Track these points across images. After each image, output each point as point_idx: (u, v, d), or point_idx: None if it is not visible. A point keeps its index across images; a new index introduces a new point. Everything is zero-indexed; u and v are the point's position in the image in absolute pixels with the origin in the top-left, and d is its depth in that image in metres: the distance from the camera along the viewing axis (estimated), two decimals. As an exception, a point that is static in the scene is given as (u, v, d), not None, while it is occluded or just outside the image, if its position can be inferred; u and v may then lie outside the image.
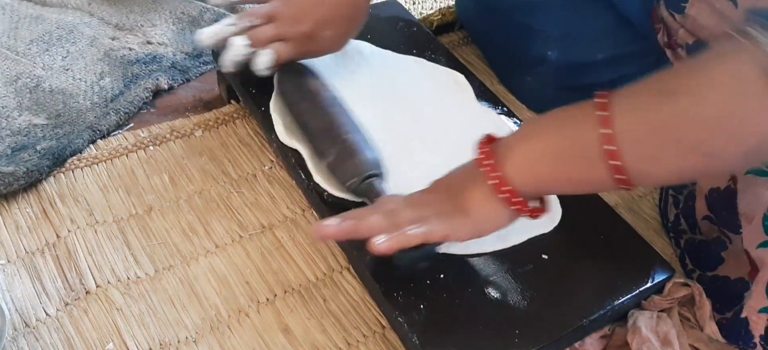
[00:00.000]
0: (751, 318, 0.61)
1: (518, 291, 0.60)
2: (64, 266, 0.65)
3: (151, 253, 0.68)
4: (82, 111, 0.79)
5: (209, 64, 0.90)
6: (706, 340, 0.63)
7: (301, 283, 0.67)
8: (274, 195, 0.75)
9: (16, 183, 0.70)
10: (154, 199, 0.72)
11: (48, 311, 0.62)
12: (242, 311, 0.64)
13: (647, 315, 0.62)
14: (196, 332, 0.62)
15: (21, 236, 0.68)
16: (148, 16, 0.95)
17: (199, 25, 0.96)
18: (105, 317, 0.62)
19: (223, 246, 0.69)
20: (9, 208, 0.69)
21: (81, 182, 0.73)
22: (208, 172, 0.76)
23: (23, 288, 0.63)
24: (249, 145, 0.80)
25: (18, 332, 0.60)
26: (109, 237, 0.68)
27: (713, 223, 0.67)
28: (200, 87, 0.88)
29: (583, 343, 0.62)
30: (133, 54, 0.88)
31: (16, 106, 0.78)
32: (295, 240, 0.70)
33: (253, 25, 0.72)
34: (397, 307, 0.59)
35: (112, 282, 0.65)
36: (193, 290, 0.65)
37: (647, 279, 0.62)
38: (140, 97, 0.83)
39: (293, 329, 0.63)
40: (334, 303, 0.65)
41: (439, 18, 1.00)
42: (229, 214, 0.72)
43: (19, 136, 0.74)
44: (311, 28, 0.72)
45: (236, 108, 0.84)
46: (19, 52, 0.86)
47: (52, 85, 0.81)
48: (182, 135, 0.80)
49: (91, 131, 0.77)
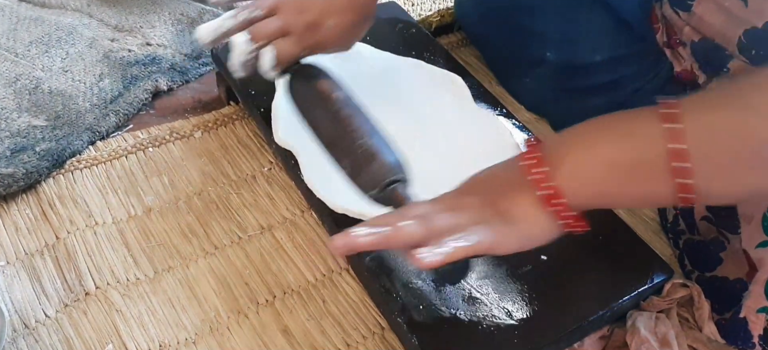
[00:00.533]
0: (750, 318, 0.61)
1: (517, 292, 0.60)
2: (64, 267, 0.65)
3: (151, 255, 0.68)
4: (82, 112, 0.79)
5: (208, 65, 0.90)
6: (704, 341, 0.63)
7: (301, 284, 0.67)
8: (274, 196, 0.75)
9: (15, 185, 0.70)
10: (154, 201, 0.72)
11: (47, 312, 0.62)
12: (241, 312, 0.64)
13: (646, 316, 0.62)
14: (195, 333, 0.62)
15: (20, 237, 0.68)
16: (148, 17, 0.95)
17: (197, 26, 0.96)
18: (104, 318, 0.62)
19: (223, 247, 0.69)
20: (8, 210, 0.69)
21: (80, 183, 0.73)
22: (208, 173, 0.76)
23: (23, 289, 0.63)
24: (248, 146, 0.80)
25: (17, 333, 0.60)
26: (109, 239, 0.68)
27: (712, 224, 0.67)
28: (199, 88, 0.88)
29: (582, 344, 0.62)
30: (133, 55, 0.89)
31: (16, 108, 0.78)
32: (295, 242, 0.70)
33: (254, 17, 0.68)
34: (396, 308, 0.59)
35: (112, 283, 0.65)
36: (193, 291, 0.65)
37: (646, 280, 0.62)
38: (139, 98, 0.83)
39: (292, 330, 0.63)
40: (334, 304, 0.66)
41: (438, 19, 1.00)
42: (229, 216, 0.72)
43: (18, 137, 0.74)
44: (315, 17, 0.67)
45: (235, 109, 0.84)
46: (18, 53, 0.86)
47: (52, 87, 0.81)
48: (181, 136, 0.80)
49: (90, 132, 0.77)
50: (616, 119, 0.52)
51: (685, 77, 0.81)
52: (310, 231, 0.71)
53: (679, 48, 0.79)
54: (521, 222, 0.52)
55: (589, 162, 0.50)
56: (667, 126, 0.47)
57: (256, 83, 0.77)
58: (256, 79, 0.74)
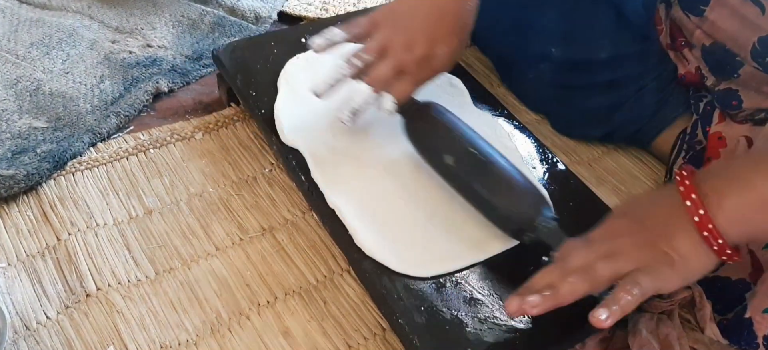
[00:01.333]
0: (755, 319, 0.61)
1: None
2: (65, 269, 0.65)
3: (152, 256, 0.68)
4: (83, 114, 0.79)
5: (209, 67, 0.90)
6: (706, 342, 0.63)
7: (302, 286, 0.67)
8: (275, 197, 0.75)
9: (16, 187, 0.70)
10: (155, 202, 0.72)
11: (48, 314, 0.62)
12: (243, 313, 0.64)
13: (647, 318, 0.62)
14: (196, 334, 0.62)
15: (21, 239, 0.67)
16: (148, 19, 0.95)
17: (198, 27, 0.96)
18: (105, 320, 0.62)
19: (224, 248, 0.69)
20: (9, 211, 0.69)
21: (81, 185, 0.73)
22: (209, 174, 0.76)
23: (24, 291, 0.63)
24: (249, 147, 0.80)
25: (18, 335, 0.60)
26: (110, 240, 0.68)
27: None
28: (200, 90, 0.88)
29: (584, 345, 0.62)
30: (133, 57, 0.89)
31: (17, 110, 0.78)
32: (296, 243, 0.70)
33: (366, 64, 0.66)
34: (397, 309, 0.59)
35: (113, 285, 0.65)
36: (194, 293, 0.65)
37: (648, 281, 0.62)
38: (140, 99, 0.83)
39: (294, 331, 0.63)
40: (335, 305, 0.65)
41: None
42: (230, 217, 0.72)
43: (19, 139, 0.74)
44: (425, 51, 0.66)
45: (236, 111, 0.84)
46: (19, 55, 0.86)
47: (53, 89, 0.81)
48: (182, 138, 0.80)
49: (91, 134, 0.77)
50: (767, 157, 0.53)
51: (689, 79, 0.81)
52: (311, 233, 0.71)
53: (685, 50, 0.79)
54: (683, 262, 0.52)
55: (749, 203, 0.52)
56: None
57: (256, 84, 0.77)
58: (257, 80, 0.74)
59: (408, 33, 0.67)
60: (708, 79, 0.76)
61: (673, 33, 0.79)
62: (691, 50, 0.78)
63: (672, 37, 0.80)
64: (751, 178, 0.53)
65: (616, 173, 0.86)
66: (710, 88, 0.77)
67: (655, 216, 0.55)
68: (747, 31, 0.67)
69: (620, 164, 0.88)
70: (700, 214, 0.52)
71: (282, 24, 1.03)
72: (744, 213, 0.52)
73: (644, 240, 0.53)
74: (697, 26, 0.71)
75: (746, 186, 0.52)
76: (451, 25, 0.68)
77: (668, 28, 0.80)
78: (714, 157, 0.75)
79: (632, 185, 0.85)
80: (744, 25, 0.66)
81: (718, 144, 0.75)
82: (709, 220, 0.51)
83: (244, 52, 0.81)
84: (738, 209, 0.52)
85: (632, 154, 0.89)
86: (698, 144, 0.78)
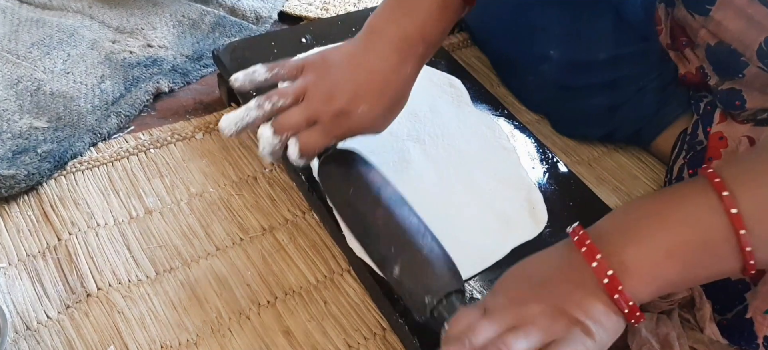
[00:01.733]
0: (756, 319, 0.61)
1: (519, 293, 0.60)
2: (65, 269, 0.65)
3: (152, 256, 0.68)
4: (83, 114, 0.79)
5: (210, 67, 0.91)
6: (706, 342, 0.63)
7: (302, 286, 0.67)
8: (275, 197, 0.75)
9: (17, 187, 0.70)
10: (155, 202, 0.73)
11: (49, 314, 0.62)
12: (243, 313, 0.64)
13: (647, 317, 0.62)
14: (197, 334, 0.62)
15: (22, 239, 0.68)
16: (149, 19, 0.95)
17: (199, 27, 0.96)
18: (106, 320, 0.62)
19: (224, 248, 0.69)
20: (10, 211, 0.69)
21: (82, 185, 0.73)
22: (209, 174, 0.76)
23: (24, 291, 0.63)
24: (249, 147, 0.80)
25: (19, 335, 0.60)
26: (110, 240, 0.68)
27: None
28: (201, 90, 0.88)
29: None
30: (134, 57, 0.89)
31: (17, 110, 0.78)
32: (296, 243, 0.70)
33: (279, 108, 0.63)
34: (397, 309, 0.59)
35: (113, 284, 0.65)
36: (194, 292, 0.65)
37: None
38: (141, 99, 0.83)
39: (294, 331, 0.63)
40: (335, 305, 0.66)
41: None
42: (230, 217, 0.72)
43: (20, 139, 0.75)
44: (344, 105, 0.62)
45: (237, 110, 0.84)
46: (19, 55, 0.86)
47: (53, 89, 0.81)
48: (183, 137, 0.80)
49: (91, 134, 0.77)
50: (665, 202, 0.49)
51: (690, 79, 0.81)
52: (312, 233, 0.71)
53: (686, 50, 0.79)
54: (596, 332, 0.48)
55: (653, 257, 0.48)
56: (725, 194, 0.46)
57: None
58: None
59: (331, 84, 0.62)
60: (711, 78, 0.76)
61: (674, 33, 0.79)
62: (694, 50, 0.78)
63: (673, 36, 0.80)
64: (650, 232, 0.49)
65: (616, 173, 0.86)
66: (713, 88, 0.77)
67: (567, 282, 0.49)
68: (753, 31, 0.66)
69: (620, 164, 0.88)
70: (608, 278, 0.47)
71: (282, 24, 1.03)
72: (652, 272, 0.48)
73: (555, 310, 0.48)
74: (702, 26, 0.71)
75: (647, 242, 0.48)
76: (379, 87, 0.63)
77: (668, 28, 0.80)
78: (715, 157, 0.75)
79: (632, 185, 0.85)
80: (750, 25, 0.66)
81: (719, 144, 0.75)
82: (618, 283, 0.47)
83: (244, 52, 0.81)
84: (644, 268, 0.48)
85: (632, 154, 0.89)
86: (699, 144, 0.78)
